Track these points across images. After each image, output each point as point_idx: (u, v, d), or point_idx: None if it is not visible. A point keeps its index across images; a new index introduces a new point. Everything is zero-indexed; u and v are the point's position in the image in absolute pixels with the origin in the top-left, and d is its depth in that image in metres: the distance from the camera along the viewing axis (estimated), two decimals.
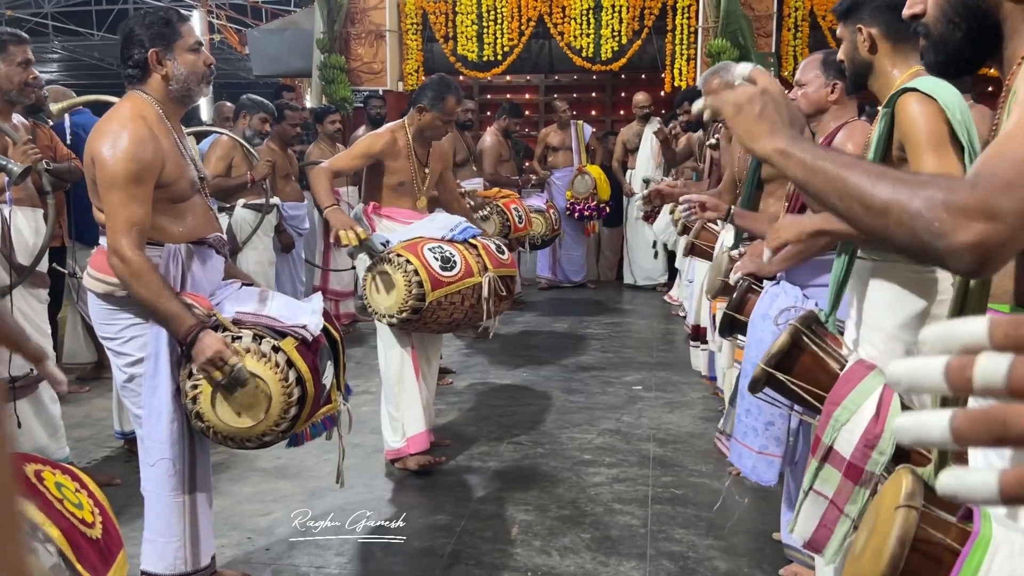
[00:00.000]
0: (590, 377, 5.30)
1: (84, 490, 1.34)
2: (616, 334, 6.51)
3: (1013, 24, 1.14)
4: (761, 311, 2.68)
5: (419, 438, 3.76)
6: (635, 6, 8.36)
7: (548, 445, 4.10)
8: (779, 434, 2.69)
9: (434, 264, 3.46)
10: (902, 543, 1.06)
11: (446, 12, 8.74)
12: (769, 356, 2.12)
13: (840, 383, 1.94)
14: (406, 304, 3.43)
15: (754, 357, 2.64)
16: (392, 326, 3.59)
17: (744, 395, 2.72)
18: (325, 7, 8.59)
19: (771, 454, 2.71)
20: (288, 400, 2.28)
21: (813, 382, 2.10)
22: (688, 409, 4.63)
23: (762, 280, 2.92)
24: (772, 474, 2.74)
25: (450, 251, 3.56)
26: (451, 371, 5.37)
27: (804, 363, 2.12)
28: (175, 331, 2.29)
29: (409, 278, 3.41)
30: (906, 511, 1.08)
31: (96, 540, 1.29)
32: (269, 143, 5.67)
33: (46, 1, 16.25)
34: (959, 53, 1.21)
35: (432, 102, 3.78)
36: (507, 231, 5.45)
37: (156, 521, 2.45)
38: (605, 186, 7.91)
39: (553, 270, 8.35)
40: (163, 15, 2.43)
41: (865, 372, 1.92)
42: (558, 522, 3.25)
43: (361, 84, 8.80)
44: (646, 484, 3.61)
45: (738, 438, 2.82)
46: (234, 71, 18.94)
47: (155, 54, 2.38)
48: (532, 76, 10.01)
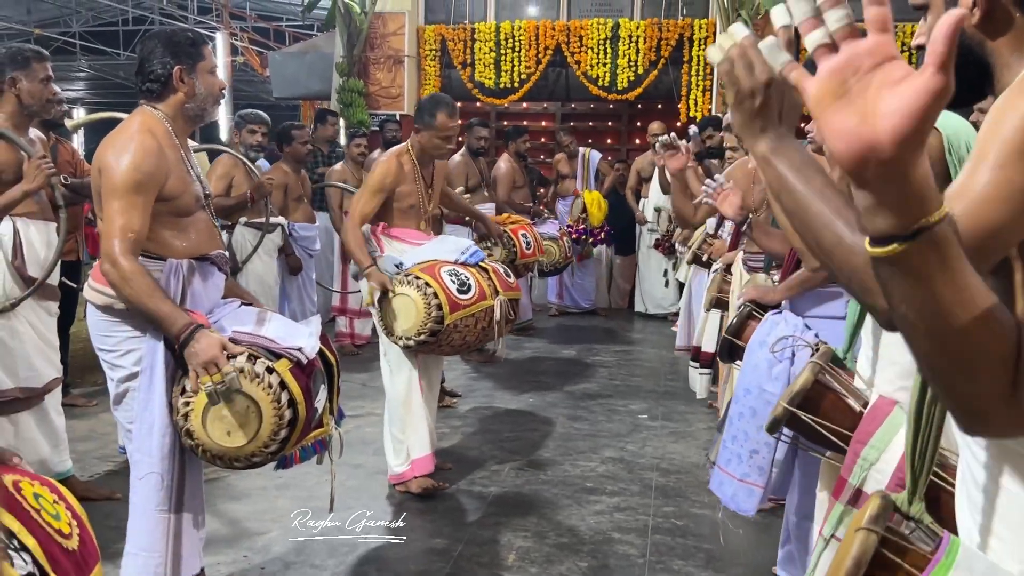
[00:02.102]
0: (596, 404, 5.28)
1: (62, 502, 1.35)
2: (624, 362, 6.49)
3: (1000, 59, 1.14)
4: (759, 338, 2.67)
5: (424, 461, 3.77)
6: (652, 37, 8.43)
7: (550, 471, 4.08)
8: (763, 464, 2.64)
9: (452, 287, 3.51)
10: (858, 565, 1.06)
11: (464, 39, 8.84)
12: (792, 395, 2.07)
13: (866, 420, 1.89)
14: (425, 327, 3.46)
15: (748, 383, 2.62)
16: (408, 348, 3.62)
17: (732, 421, 2.70)
18: (345, 32, 8.71)
19: (753, 483, 2.65)
20: (279, 422, 2.26)
21: (835, 420, 2.05)
22: (693, 439, 4.60)
23: (764, 307, 2.91)
24: (751, 504, 2.67)
25: (465, 274, 3.61)
26: (457, 394, 5.37)
27: (826, 401, 2.08)
28: (168, 330, 2.27)
29: (429, 300, 3.46)
30: (866, 533, 1.07)
31: (72, 551, 1.29)
32: (281, 165, 5.70)
33: (74, 21, 16.56)
34: (970, 82, 1.19)
35: (425, 121, 3.83)
36: (514, 257, 5.46)
37: (139, 535, 2.42)
38: (596, 211, 7.89)
39: (561, 295, 8.35)
40: (190, 35, 2.50)
41: (889, 408, 1.87)
42: (556, 549, 3.23)
43: (379, 108, 8.90)
44: (647, 514, 3.58)
45: (721, 465, 2.77)
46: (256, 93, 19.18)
47: (180, 71, 2.43)
48: (549, 104, 10.09)
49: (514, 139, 7.36)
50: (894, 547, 1.05)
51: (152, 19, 15.83)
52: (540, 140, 10.00)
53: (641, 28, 8.46)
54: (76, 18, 16.51)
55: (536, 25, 8.66)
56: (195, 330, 2.25)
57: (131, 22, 16.45)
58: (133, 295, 2.27)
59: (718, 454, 2.82)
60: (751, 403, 2.59)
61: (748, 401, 2.62)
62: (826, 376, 2.08)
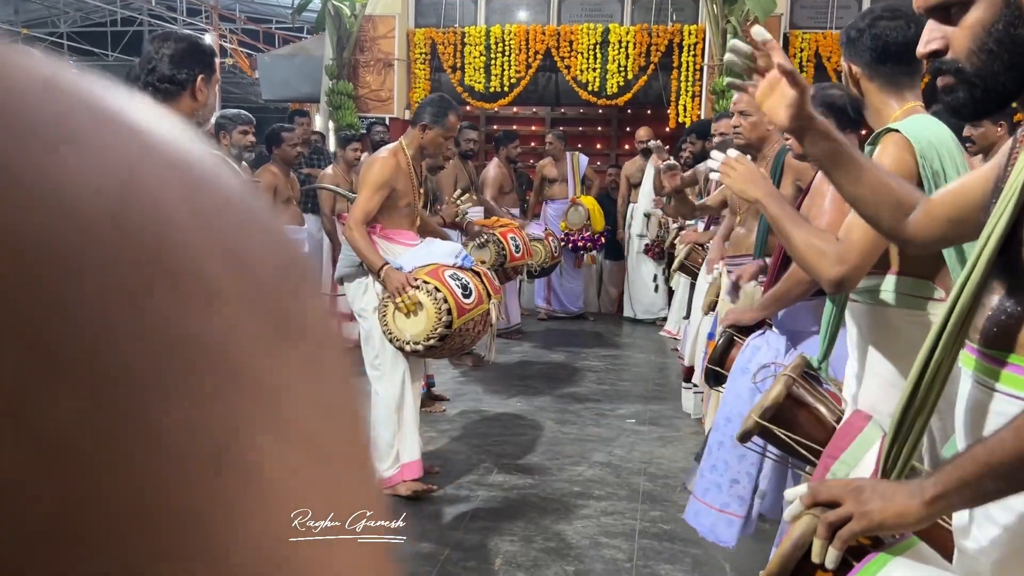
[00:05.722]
0: (584, 409, 5.27)
1: None
2: (613, 367, 6.49)
3: None
4: (741, 364, 2.62)
5: (415, 465, 3.76)
6: (642, 42, 8.45)
7: (538, 476, 4.07)
8: (744, 493, 2.59)
9: (457, 290, 3.53)
10: (796, 547, 1.14)
11: (454, 43, 8.83)
12: (763, 408, 2.06)
13: (839, 435, 1.88)
14: (434, 331, 3.46)
15: (729, 412, 2.59)
16: (416, 353, 3.61)
17: (711, 451, 2.66)
18: (335, 35, 8.69)
19: (733, 513, 2.61)
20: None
21: (807, 434, 2.04)
22: (681, 444, 4.60)
23: (746, 332, 2.87)
24: (731, 535, 2.64)
25: (464, 278, 3.63)
26: (444, 398, 5.35)
27: (798, 414, 2.06)
28: None
29: (439, 305, 3.46)
30: (810, 518, 1.15)
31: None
32: (271, 167, 5.67)
33: (62, 21, 16.48)
34: (998, 86, 1.19)
35: (434, 119, 3.81)
36: (503, 260, 5.45)
37: None
38: (598, 216, 7.93)
39: (548, 299, 8.34)
40: (210, 46, 2.53)
41: (863, 423, 1.86)
42: (543, 554, 3.22)
43: (368, 111, 8.87)
44: (634, 518, 3.58)
45: (697, 495, 2.71)
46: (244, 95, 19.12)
47: (202, 80, 2.42)
48: (538, 108, 10.10)
49: (505, 144, 7.37)
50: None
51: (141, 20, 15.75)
52: (530, 144, 10.01)
53: (631, 33, 8.47)
54: (64, 19, 16.42)
55: (526, 29, 8.66)
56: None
57: (120, 23, 16.38)
58: None
59: (695, 483, 2.79)
60: (732, 432, 2.52)
61: (728, 430, 2.56)
62: (798, 389, 2.06)
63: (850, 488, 1.13)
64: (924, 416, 1.22)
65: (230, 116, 5.22)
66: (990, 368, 1.22)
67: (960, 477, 1.08)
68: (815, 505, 1.15)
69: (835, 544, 1.10)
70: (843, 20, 8.07)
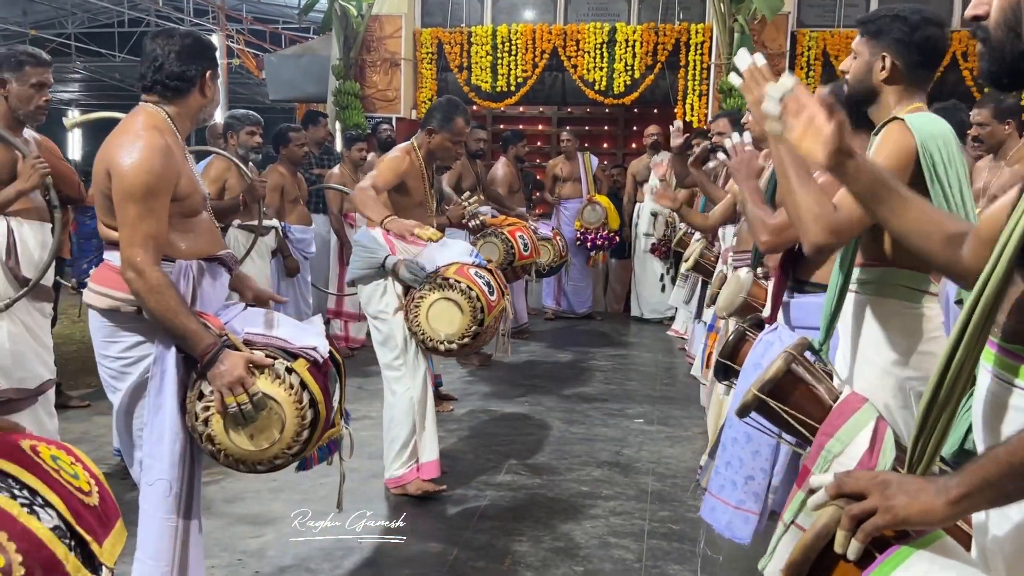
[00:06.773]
0: (592, 409, 5.27)
1: (79, 463, 1.37)
2: (620, 366, 6.49)
3: None
4: (753, 360, 2.61)
5: (433, 464, 3.77)
6: (648, 41, 8.43)
7: (546, 475, 4.07)
8: (759, 490, 2.58)
9: (484, 288, 3.55)
10: (819, 537, 1.13)
11: (461, 42, 8.83)
12: (763, 382, 2.08)
13: (834, 415, 1.92)
14: (469, 329, 3.51)
15: None
16: (448, 352, 3.63)
17: (725, 447, 2.65)
18: (342, 35, 8.69)
19: (748, 510, 2.60)
20: (302, 423, 2.22)
21: (805, 411, 2.05)
22: (689, 444, 4.60)
23: (758, 328, 2.86)
24: (747, 531, 2.62)
25: (485, 276, 3.65)
26: (452, 398, 5.35)
27: (797, 391, 2.07)
28: (192, 348, 2.20)
29: (473, 304, 3.49)
30: (835, 509, 1.14)
31: (94, 507, 1.32)
32: (278, 167, 5.68)
33: (69, 22, 16.52)
34: (1014, 64, 1.20)
35: (441, 123, 3.84)
36: (512, 259, 5.45)
37: (148, 542, 2.35)
38: (615, 215, 7.99)
39: (557, 299, 8.35)
40: (211, 42, 2.51)
41: (859, 404, 1.90)
42: (551, 554, 3.22)
43: (375, 111, 8.88)
44: (643, 518, 3.57)
45: (713, 492, 2.70)
46: (251, 95, 19.16)
47: (210, 75, 2.42)
48: (545, 108, 10.09)
49: (513, 144, 7.40)
50: None
51: (148, 21, 15.78)
52: (536, 144, 9.99)
53: (638, 32, 8.46)
54: (71, 20, 16.47)
55: (533, 29, 8.66)
56: (220, 349, 2.19)
57: (127, 24, 16.41)
58: (160, 309, 2.19)
59: (710, 481, 2.78)
60: (745, 428, 2.50)
61: (742, 426, 2.54)
62: (799, 367, 2.08)
63: (876, 481, 1.12)
64: (949, 411, 1.22)
65: (238, 116, 5.22)
66: (1010, 363, 1.22)
67: (984, 478, 1.09)
68: (839, 496, 1.15)
69: (858, 537, 1.10)
70: (850, 18, 8.05)
